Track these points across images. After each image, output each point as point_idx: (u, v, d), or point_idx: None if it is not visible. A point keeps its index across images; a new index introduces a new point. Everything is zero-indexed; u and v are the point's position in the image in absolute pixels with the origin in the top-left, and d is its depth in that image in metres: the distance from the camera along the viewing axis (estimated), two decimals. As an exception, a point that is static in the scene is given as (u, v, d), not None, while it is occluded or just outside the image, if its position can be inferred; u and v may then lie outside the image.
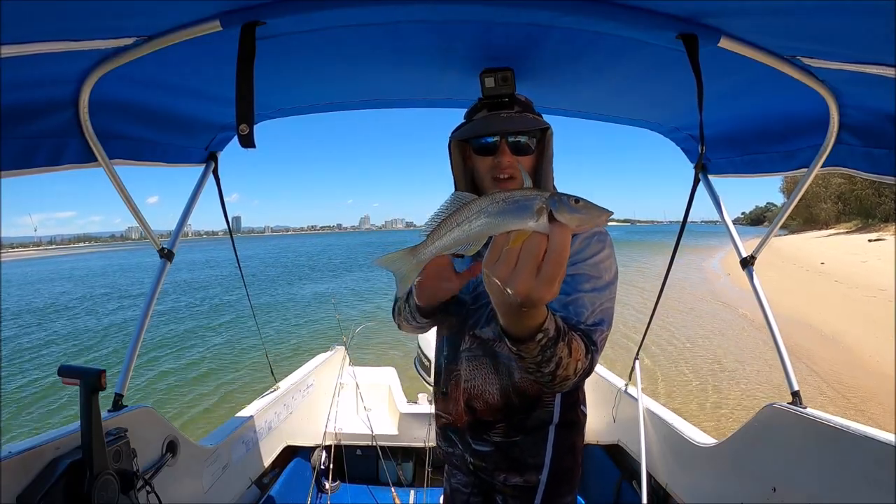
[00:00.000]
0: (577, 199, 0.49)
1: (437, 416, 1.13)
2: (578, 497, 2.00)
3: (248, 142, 0.79)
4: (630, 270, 19.30)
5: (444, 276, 0.86)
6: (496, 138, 0.92)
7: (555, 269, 0.49)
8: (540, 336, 0.63)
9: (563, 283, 0.80)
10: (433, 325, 1.06)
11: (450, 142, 0.99)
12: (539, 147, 0.97)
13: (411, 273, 0.58)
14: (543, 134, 0.97)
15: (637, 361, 2.02)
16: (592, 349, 0.80)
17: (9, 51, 0.74)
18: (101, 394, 0.99)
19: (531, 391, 0.98)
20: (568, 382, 0.74)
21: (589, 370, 0.79)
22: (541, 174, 0.98)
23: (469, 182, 1.01)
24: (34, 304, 19.42)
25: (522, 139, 0.93)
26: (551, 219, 0.48)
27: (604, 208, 0.49)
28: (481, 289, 0.99)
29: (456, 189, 0.99)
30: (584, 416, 1.07)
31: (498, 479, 1.02)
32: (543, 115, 1.01)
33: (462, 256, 1.02)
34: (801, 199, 1.47)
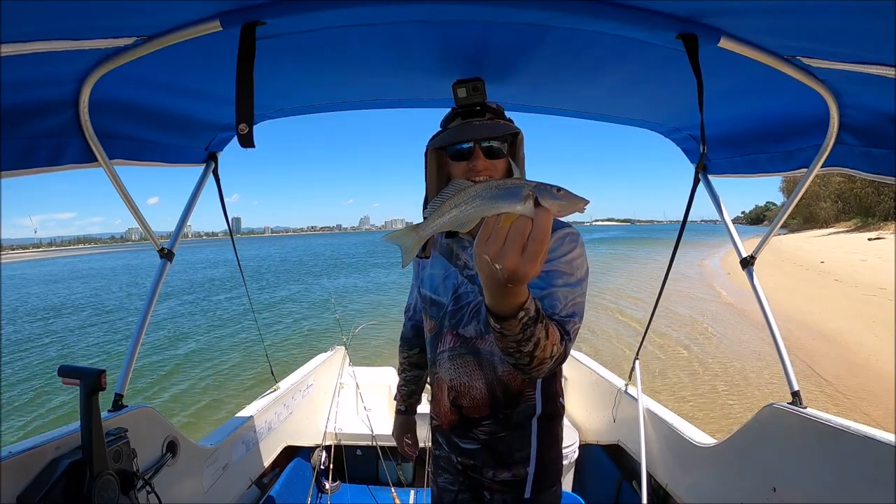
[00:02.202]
0: (559, 189, 0.56)
1: (430, 419, 1.19)
2: (579, 497, 2.01)
3: (247, 141, 0.79)
4: (650, 268, 19.32)
5: None
6: (471, 144, 0.98)
7: (538, 247, 0.57)
8: (521, 314, 0.69)
9: (538, 278, 0.86)
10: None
11: (427, 149, 1.05)
12: (511, 150, 1.04)
13: (414, 247, 0.65)
14: (514, 138, 1.04)
15: (637, 361, 2.02)
16: (566, 338, 0.85)
17: (9, 49, 0.74)
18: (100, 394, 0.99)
19: (514, 385, 1.03)
20: (544, 367, 0.80)
21: (563, 357, 0.85)
22: (514, 175, 1.01)
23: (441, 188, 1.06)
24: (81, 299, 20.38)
25: (495, 144, 0.99)
26: (536, 204, 0.56)
27: (581, 197, 0.56)
28: (462, 290, 1.06)
29: (427, 196, 1.06)
30: (563, 407, 1.12)
31: (487, 475, 1.06)
32: (542, 115, 1.03)
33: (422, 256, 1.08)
34: (800, 199, 1.47)
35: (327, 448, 2.30)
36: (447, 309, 1.08)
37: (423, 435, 1.42)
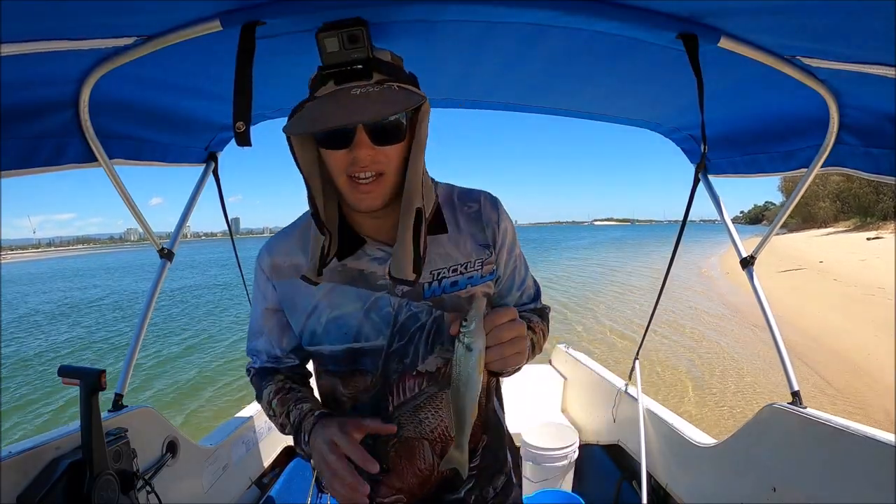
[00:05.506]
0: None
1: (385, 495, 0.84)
2: (579, 497, 2.00)
3: (244, 140, 0.78)
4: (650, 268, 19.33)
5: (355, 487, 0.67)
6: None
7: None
8: (528, 333, 0.76)
9: (511, 279, 0.90)
10: None
11: (288, 135, 0.70)
12: (414, 128, 0.70)
13: (464, 462, 0.73)
14: (417, 111, 0.70)
15: (637, 361, 2.02)
16: (547, 311, 0.95)
17: (9, 49, 0.74)
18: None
19: (489, 383, 0.87)
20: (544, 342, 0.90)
21: (547, 325, 0.93)
22: (408, 164, 0.71)
23: (325, 178, 0.74)
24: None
25: (389, 121, 0.66)
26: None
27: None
28: (403, 316, 0.77)
29: (311, 193, 0.72)
30: None
31: (488, 496, 0.88)
32: (543, 115, 0.99)
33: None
34: (799, 198, 1.47)
35: None
36: (387, 350, 0.78)
37: None
